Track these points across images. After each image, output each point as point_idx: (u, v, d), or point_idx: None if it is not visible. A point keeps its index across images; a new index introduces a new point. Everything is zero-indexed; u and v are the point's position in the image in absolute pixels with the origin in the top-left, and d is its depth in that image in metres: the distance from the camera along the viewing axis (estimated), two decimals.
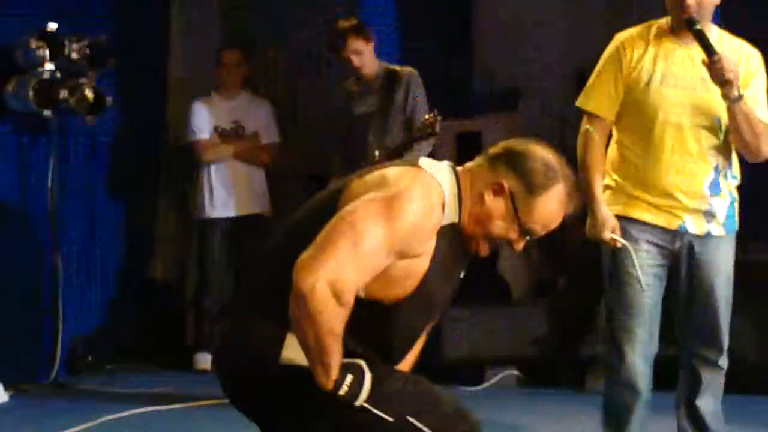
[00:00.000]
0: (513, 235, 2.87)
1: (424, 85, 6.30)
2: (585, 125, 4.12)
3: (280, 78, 8.13)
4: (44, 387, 6.65)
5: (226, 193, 7.49)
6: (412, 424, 2.75)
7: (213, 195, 7.49)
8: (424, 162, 2.89)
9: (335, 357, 2.64)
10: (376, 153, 6.07)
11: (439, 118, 5.86)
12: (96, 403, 6.17)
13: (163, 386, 6.75)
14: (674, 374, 4.19)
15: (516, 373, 6.62)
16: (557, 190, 2.87)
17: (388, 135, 6.11)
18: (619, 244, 4.00)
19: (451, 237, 2.84)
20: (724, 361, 4.10)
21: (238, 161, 7.50)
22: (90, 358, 7.16)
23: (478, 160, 2.95)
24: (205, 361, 7.38)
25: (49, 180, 6.80)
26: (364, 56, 6.28)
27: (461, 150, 7.18)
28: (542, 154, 2.90)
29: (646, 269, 4.02)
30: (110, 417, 5.76)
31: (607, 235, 4.00)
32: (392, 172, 2.82)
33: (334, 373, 2.66)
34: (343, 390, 2.68)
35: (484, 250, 2.91)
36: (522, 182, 2.85)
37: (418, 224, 2.74)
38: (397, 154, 6.05)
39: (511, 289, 6.94)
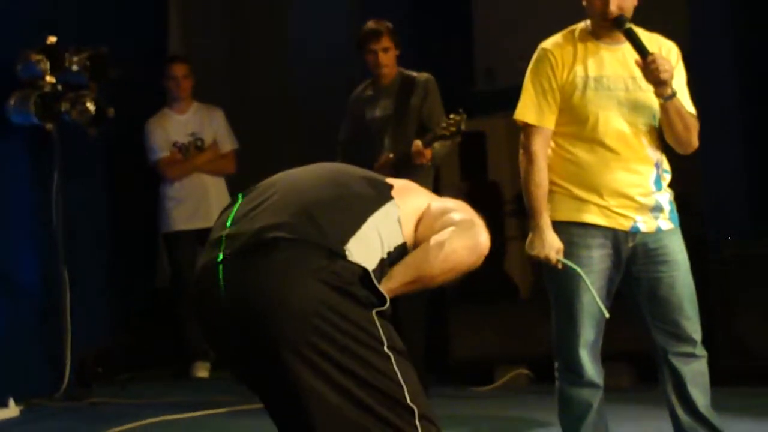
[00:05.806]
0: None
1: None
2: (529, 138, 4.08)
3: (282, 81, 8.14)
4: (55, 400, 6.65)
5: (192, 206, 7.48)
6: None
7: (179, 208, 7.50)
8: None
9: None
10: (390, 155, 6.05)
11: (464, 116, 5.81)
12: (108, 415, 6.17)
13: (174, 396, 6.75)
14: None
15: (526, 372, 6.61)
16: None
17: (403, 138, 6.07)
18: (560, 266, 3.98)
19: None
20: (701, 350, 4.06)
21: (201, 173, 7.51)
22: (100, 369, 7.16)
23: None
24: (203, 369, 7.43)
25: (54, 192, 6.80)
26: (390, 56, 6.27)
27: (465, 151, 7.16)
28: None
29: (598, 274, 4.01)
30: (122, 428, 5.76)
31: (554, 256, 3.99)
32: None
33: None
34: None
35: None
36: None
37: None
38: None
39: (519, 288, 6.93)
